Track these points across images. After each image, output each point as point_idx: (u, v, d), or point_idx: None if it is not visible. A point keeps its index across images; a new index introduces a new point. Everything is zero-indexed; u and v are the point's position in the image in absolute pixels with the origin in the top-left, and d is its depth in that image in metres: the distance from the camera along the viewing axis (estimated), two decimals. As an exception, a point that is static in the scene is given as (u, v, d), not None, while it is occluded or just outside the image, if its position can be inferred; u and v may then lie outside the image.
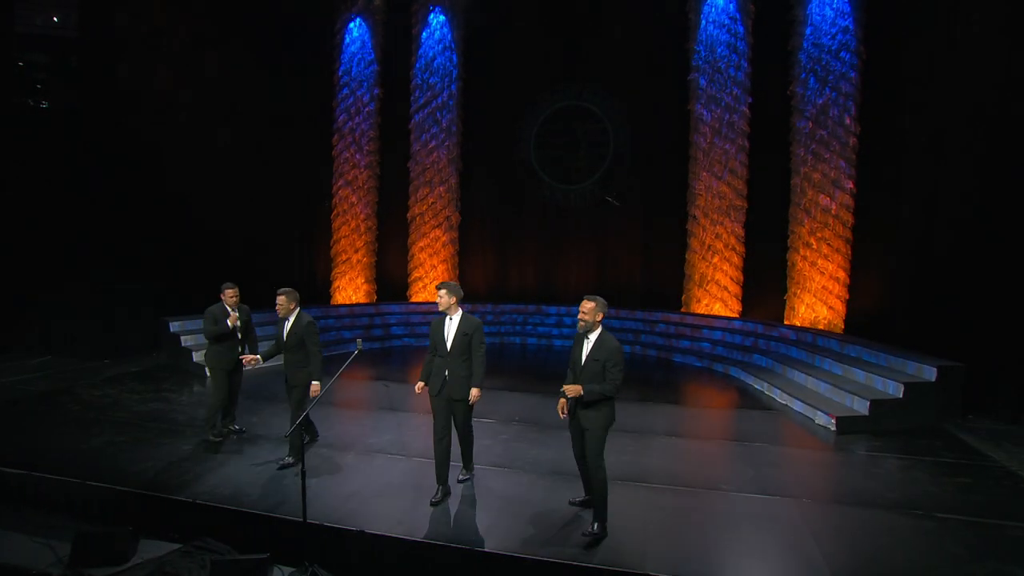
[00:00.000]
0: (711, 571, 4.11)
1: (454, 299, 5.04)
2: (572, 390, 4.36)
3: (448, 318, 5.05)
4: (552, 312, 12.94)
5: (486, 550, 4.28)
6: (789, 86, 10.65)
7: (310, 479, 5.17)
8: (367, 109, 13.20)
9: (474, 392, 4.97)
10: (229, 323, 6.22)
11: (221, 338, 6.27)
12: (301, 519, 4.36)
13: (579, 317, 4.44)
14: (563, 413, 4.57)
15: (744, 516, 4.89)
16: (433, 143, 13.08)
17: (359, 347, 4.98)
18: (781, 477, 5.79)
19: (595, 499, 4.46)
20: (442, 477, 5.03)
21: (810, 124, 10.30)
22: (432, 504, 4.89)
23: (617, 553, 4.26)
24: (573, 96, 13.13)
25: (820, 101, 10.12)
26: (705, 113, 11.35)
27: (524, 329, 12.64)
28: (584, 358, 4.46)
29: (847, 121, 10.03)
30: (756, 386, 9.09)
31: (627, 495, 5.15)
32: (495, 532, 4.52)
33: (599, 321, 4.46)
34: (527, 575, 4.16)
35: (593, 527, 4.42)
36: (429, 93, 12.99)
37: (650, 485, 5.38)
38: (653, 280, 12.68)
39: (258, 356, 5.85)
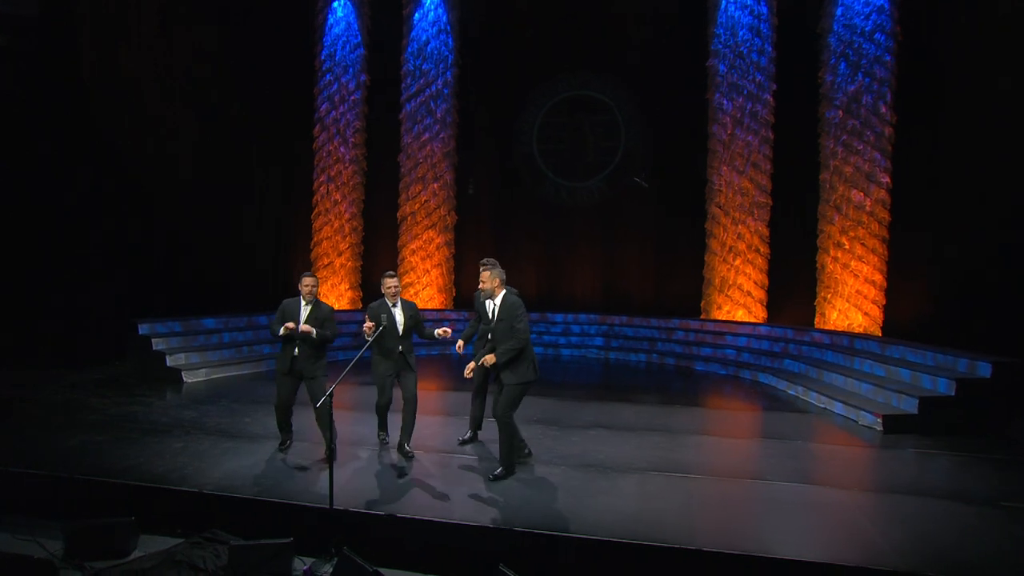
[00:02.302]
0: (765, 548, 4.39)
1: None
2: (489, 359, 5.45)
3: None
4: (558, 320, 13.22)
5: (532, 530, 4.54)
6: (818, 72, 11.18)
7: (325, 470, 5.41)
8: (353, 97, 13.48)
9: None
10: (281, 331, 5.96)
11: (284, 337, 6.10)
12: (327, 506, 4.64)
13: (481, 287, 5.61)
14: (469, 374, 5.74)
15: (792, 503, 5.21)
16: (426, 135, 13.38)
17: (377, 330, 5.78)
18: (827, 469, 6.15)
19: (502, 446, 5.54)
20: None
21: (841, 113, 10.78)
22: (460, 442, 6.45)
23: (662, 531, 4.55)
24: (580, 84, 13.57)
25: (852, 88, 10.67)
26: (725, 102, 11.84)
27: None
28: (494, 319, 5.61)
29: (882, 109, 10.57)
30: (790, 391, 9.48)
31: (665, 483, 5.53)
32: (535, 514, 4.81)
33: (499, 285, 5.56)
34: (570, 554, 4.43)
35: (499, 471, 5.52)
36: (422, 80, 13.33)
37: (688, 475, 5.74)
38: (669, 285, 13.01)
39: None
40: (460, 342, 6.25)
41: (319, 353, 6.05)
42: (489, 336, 5.74)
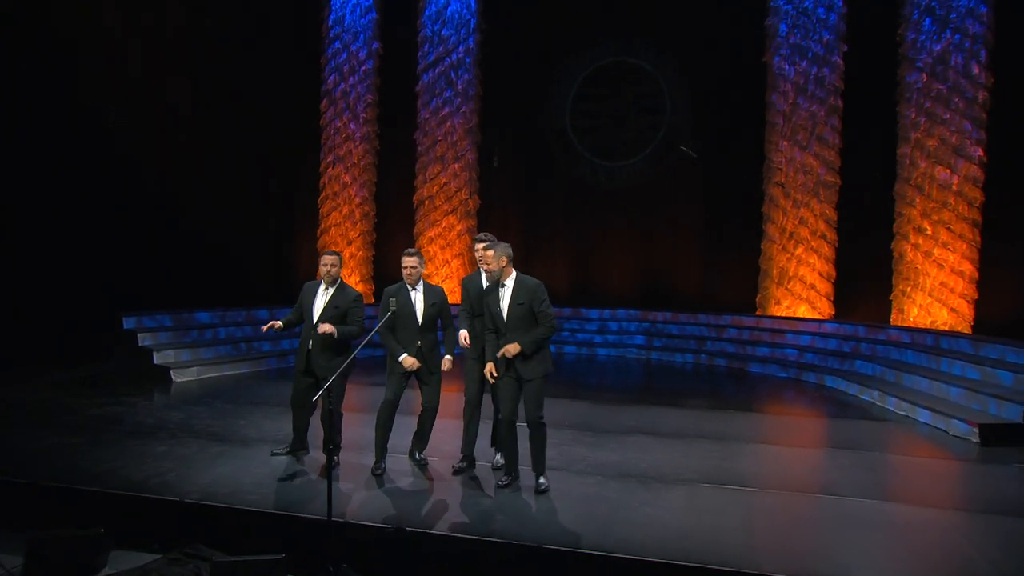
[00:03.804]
0: (842, 572, 4.10)
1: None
2: (512, 349, 5.06)
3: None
4: (593, 316, 13.11)
5: (561, 547, 4.30)
6: (897, 29, 10.78)
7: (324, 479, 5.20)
8: (364, 68, 13.44)
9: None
10: (264, 328, 5.81)
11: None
12: (325, 517, 4.42)
13: (484, 269, 5.25)
14: (492, 377, 5.20)
15: (872, 521, 4.89)
16: (446, 109, 13.27)
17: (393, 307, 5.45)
18: (913, 485, 5.83)
19: (537, 453, 5.23)
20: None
21: (924, 77, 10.41)
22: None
23: (718, 550, 4.30)
24: (619, 51, 13.36)
25: (938, 47, 10.26)
26: (787, 67, 11.54)
27: (559, 336, 12.82)
28: (507, 307, 5.19)
29: (974, 71, 10.12)
30: (863, 396, 9.20)
31: (719, 496, 5.30)
32: (564, 529, 4.60)
33: (506, 265, 5.20)
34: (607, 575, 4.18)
35: (542, 482, 5.23)
36: (441, 48, 13.23)
37: (746, 488, 5.51)
38: (720, 276, 12.81)
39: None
40: (464, 333, 5.63)
41: (339, 348, 5.72)
42: (492, 326, 5.30)
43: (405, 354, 5.51)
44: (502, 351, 5.13)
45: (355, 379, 5.84)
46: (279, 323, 5.76)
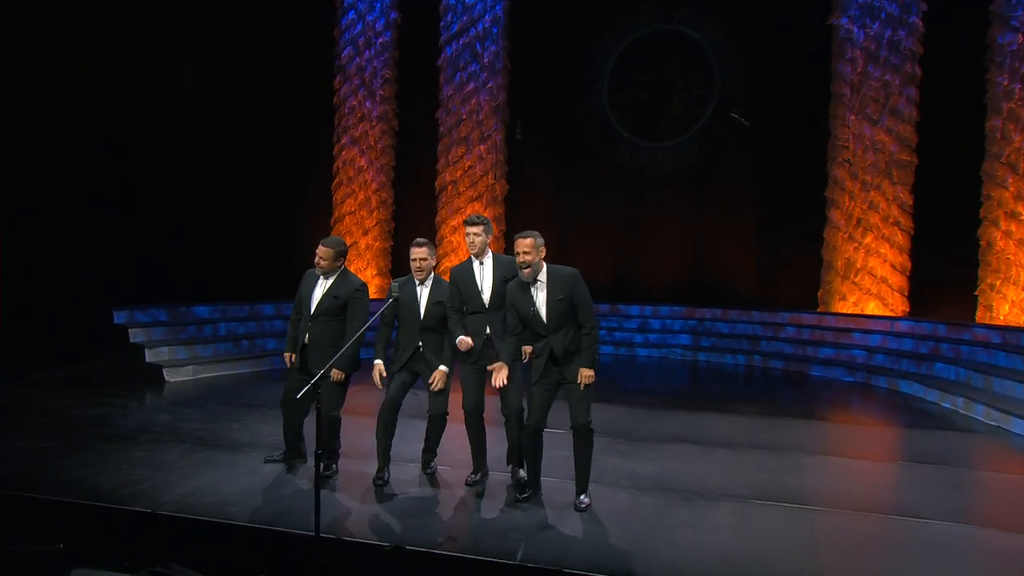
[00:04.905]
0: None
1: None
2: (587, 375, 4.90)
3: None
4: (634, 313, 13.05)
5: (587, 572, 4.05)
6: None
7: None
8: (381, 40, 13.40)
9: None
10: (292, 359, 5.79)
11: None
12: (312, 532, 4.25)
13: (520, 260, 4.91)
14: (499, 384, 4.93)
15: (960, 548, 4.60)
16: (471, 85, 13.19)
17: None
18: (1007, 508, 5.51)
19: (583, 465, 5.04)
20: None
21: (1021, 37, 10.08)
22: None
23: None
24: (664, 18, 13.09)
25: (1037, 1, 9.93)
26: (855, 30, 11.27)
27: None
28: (545, 305, 4.94)
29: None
30: (944, 403, 8.92)
31: (774, 515, 5.08)
32: (592, 550, 4.38)
33: (543, 258, 4.98)
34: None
35: (582, 498, 5.01)
36: (465, 17, 13.15)
37: (805, 507, 5.28)
38: (776, 269, 12.68)
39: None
40: (467, 339, 5.33)
41: (337, 343, 5.48)
42: (519, 330, 5.07)
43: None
44: (581, 379, 4.92)
45: (361, 380, 5.63)
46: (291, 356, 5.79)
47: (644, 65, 13.19)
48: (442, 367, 5.35)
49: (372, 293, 13.05)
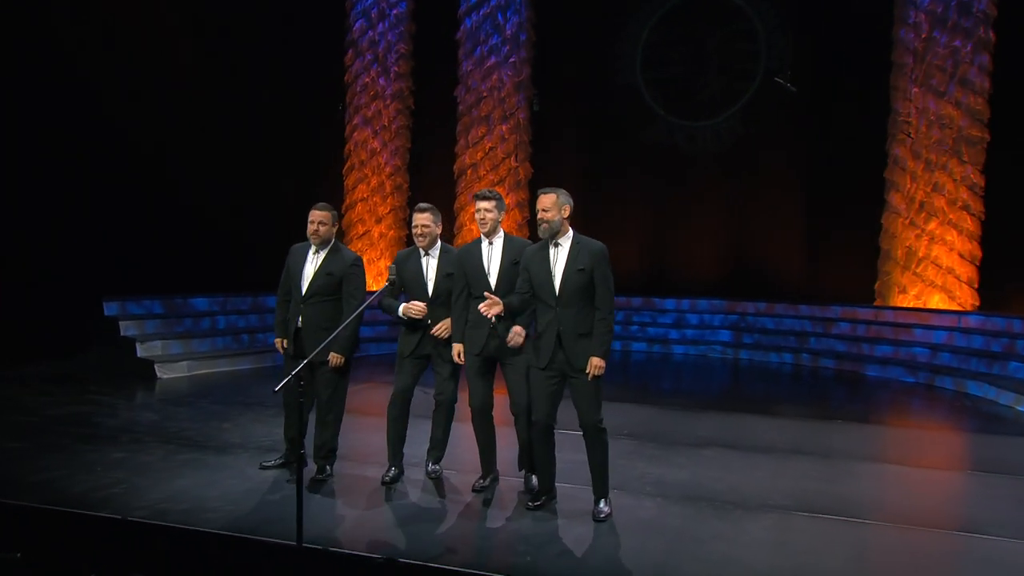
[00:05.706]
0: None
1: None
2: (597, 364, 4.66)
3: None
4: (669, 307, 13.06)
5: None
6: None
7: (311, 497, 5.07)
8: (395, 11, 13.40)
9: None
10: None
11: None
12: (294, 543, 4.18)
13: (540, 218, 4.76)
14: (517, 339, 4.93)
15: None
16: (492, 60, 13.16)
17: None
18: None
19: (599, 468, 4.89)
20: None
21: None
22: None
23: None
24: (702, -17, 13.04)
25: None
26: None
27: (627, 331, 12.67)
28: (561, 272, 4.75)
29: None
30: (1018, 407, 8.73)
31: (818, 530, 4.96)
32: (614, 565, 4.34)
33: (567, 219, 4.78)
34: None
35: (603, 508, 4.85)
36: (487, -15, 13.14)
37: (856, 520, 5.14)
38: (827, 259, 12.62)
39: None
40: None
41: (333, 326, 5.29)
42: (521, 294, 4.88)
43: (403, 305, 5.28)
44: (590, 368, 4.70)
45: (366, 376, 5.46)
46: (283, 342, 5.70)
47: (681, 36, 13.07)
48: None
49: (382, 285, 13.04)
